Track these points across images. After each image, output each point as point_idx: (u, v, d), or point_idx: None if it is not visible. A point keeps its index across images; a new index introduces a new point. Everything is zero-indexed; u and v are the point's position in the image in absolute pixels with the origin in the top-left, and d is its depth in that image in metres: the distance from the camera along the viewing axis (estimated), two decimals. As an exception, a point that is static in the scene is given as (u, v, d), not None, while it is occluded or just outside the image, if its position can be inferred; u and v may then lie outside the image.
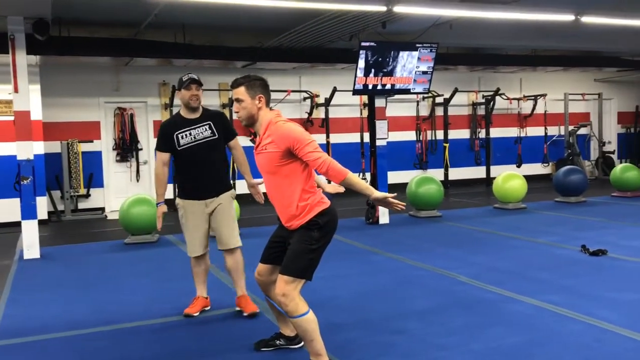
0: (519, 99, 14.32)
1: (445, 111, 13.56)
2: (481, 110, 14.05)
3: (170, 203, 4.68)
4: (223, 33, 9.73)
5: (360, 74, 8.41)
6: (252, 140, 10.49)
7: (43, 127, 10.00)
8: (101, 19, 8.56)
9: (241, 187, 11.75)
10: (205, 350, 3.95)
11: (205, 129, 4.47)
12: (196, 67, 11.08)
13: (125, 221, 7.81)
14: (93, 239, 8.53)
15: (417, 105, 13.57)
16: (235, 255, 4.55)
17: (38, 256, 7.13)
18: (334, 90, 11.73)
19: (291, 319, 3.31)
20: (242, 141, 11.35)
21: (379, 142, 8.97)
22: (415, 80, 8.85)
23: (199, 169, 4.16)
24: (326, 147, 12.47)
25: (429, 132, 13.85)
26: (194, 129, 4.46)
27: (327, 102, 12.22)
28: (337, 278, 5.60)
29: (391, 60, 8.53)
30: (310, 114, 12.42)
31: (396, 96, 11.71)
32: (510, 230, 8.01)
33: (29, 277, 6.27)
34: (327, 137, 12.45)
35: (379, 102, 8.96)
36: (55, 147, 10.58)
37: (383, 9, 6.99)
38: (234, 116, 3.36)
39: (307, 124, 12.45)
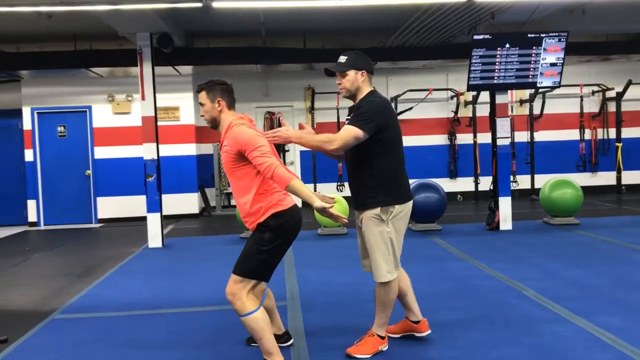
0: None
1: (618, 107, 12.01)
2: (666, 105, 12.18)
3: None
4: (338, 36, 9.81)
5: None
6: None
7: (195, 130, 11.11)
8: (230, 30, 9.22)
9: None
10: (199, 341, 4.13)
11: (347, 121, 3.64)
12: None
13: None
14: (223, 232, 9.17)
15: (581, 100, 12.22)
16: (378, 288, 3.67)
17: (160, 245, 7.97)
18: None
19: (239, 317, 3.35)
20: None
21: (500, 142, 8.31)
22: (541, 73, 8.05)
23: (346, 168, 3.66)
24: (473, 147, 11.88)
25: (599, 131, 12.39)
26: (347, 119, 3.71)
27: (474, 100, 11.65)
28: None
29: (511, 52, 7.88)
30: (456, 112, 11.94)
31: (556, 91, 10.75)
32: (649, 243, 6.90)
33: (139, 263, 7.07)
34: (475, 136, 11.85)
35: (500, 99, 8.33)
36: (208, 149, 11.65)
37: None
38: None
39: (454, 123, 12.01)
